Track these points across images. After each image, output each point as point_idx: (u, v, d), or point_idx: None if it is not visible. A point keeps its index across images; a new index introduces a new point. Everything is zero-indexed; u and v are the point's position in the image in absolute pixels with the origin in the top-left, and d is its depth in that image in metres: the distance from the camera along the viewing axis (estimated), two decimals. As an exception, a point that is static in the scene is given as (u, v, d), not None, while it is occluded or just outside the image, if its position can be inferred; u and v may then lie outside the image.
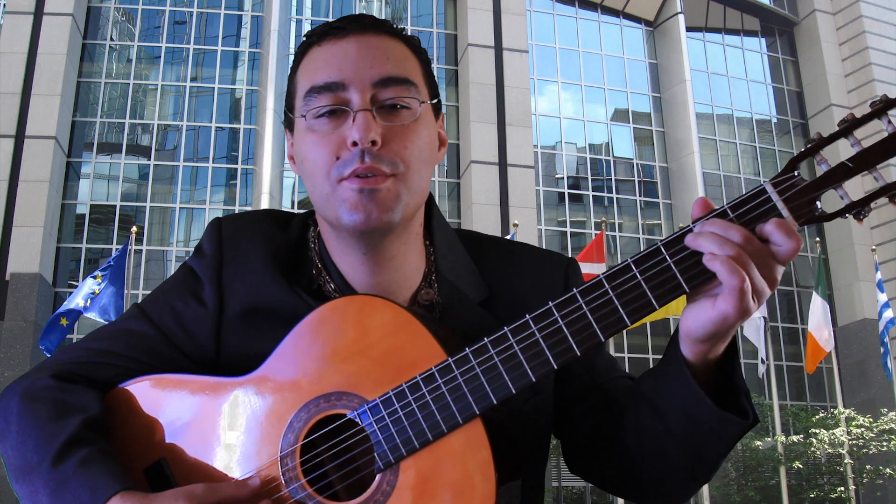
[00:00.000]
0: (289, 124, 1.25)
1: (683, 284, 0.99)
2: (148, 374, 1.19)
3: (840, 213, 0.98)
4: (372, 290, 1.22)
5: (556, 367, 1.02)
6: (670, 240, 1.01)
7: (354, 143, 1.12)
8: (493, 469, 1.01)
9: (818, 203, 0.98)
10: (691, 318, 1.01)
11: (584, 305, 1.02)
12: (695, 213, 1.01)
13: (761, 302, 0.99)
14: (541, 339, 1.02)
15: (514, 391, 1.03)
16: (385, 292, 1.22)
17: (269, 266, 1.22)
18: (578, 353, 1.02)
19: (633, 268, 1.00)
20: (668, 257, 1.00)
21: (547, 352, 1.02)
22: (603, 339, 1.02)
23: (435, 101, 1.26)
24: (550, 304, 1.03)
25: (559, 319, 1.02)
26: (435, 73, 1.28)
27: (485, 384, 1.03)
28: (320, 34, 1.20)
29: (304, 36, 1.24)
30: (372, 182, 1.13)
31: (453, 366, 1.04)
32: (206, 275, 1.24)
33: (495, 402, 1.03)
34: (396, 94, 1.16)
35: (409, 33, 1.26)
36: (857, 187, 0.94)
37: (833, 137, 0.99)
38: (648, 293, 1.00)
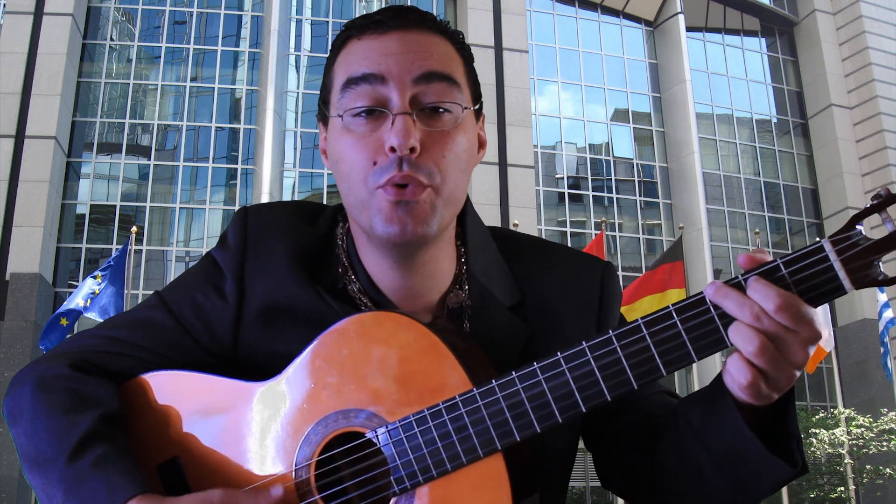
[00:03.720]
0: (323, 118, 1.20)
1: (726, 338, 0.95)
2: (165, 366, 1.17)
3: None
4: (400, 293, 1.19)
5: (584, 410, 0.98)
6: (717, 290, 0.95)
7: (392, 149, 1.08)
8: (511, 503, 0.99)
9: (880, 265, 0.92)
10: (728, 378, 0.96)
11: (619, 349, 0.97)
12: (742, 266, 0.97)
13: (786, 385, 0.95)
14: (571, 380, 0.98)
15: (538, 430, 1.00)
16: (414, 296, 1.19)
17: (293, 263, 1.19)
18: (609, 399, 0.98)
19: (675, 315, 0.96)
20: (711, 308, 0.95)
21: (576, 394, 0.98)
22: (636, 387, 0.97)
23: (478, 105, 1.21)
24: (584, 344, 0.98)
25: (591, 361, 0.98)
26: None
27: (509, 420, 1.00)
28: (361, 27, 1.15)
29: (344, 27, 1.18)
30: (409, 193, 1.08)
31: (478, 397, 1.01)
32: (228, 267, 1.21)
33: (518, 439, 1.00)
34: (438, 96, 1.11)
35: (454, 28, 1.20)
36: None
37: None
38: (688, 344, 0.95)
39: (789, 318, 0.91)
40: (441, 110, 1.11)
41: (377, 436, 1.05)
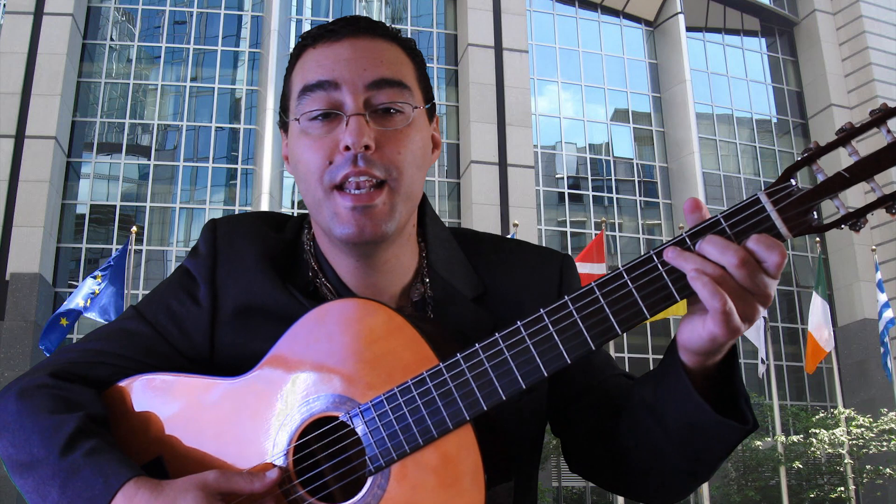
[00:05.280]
0: (283, 125, 1.26)
1: (675, 294, 0.98)
2: (144, 372, 1.20)
3: (836, 224, 0.98)
4: (366, 290, 1.23)
5: (546, 374, 1.02)
6: (663, 248, 1.00)
7: (347, 148, 1.13)
8: (482, 475, 1.02)
9: (814, 213, 0.97)
10: (685, 331, 1.01)
11: (574, 313, 1.01)
12: (686, 213, 1.00)
13: (755, 318, 0.98)
14: (531, 346, 1.02)
15: (504, 397, 1.03)
16: (379, 292, 1.23)
17: (263, 265, 1.23)
18: (569, 361, 1.01)
19: (625, 275, 1.00)
20: (659, 266, 0.99)
21: (538, 359, 1.02)
22: (593, 348, 1.01)
23: (429, 105, 1.26)
24: (542, 310, 1.02)
25: (550, 326, 1.01)
26: (435, 74, 1.29)
27: (475, 390, 1.03)
28: (315, 37, 1.22)
29: (300, 38, 1.24)
30: (365, 199, 1.13)
31: (444, 370, 1.04)
32: (200, 274, 1.25)
33: (486, 408, 1.03)
34: (390, 99, 1.16)
35: (405, 35, 1.26)
36: (854, 196, 0.94)
37: (830, 147, 0.98)
38: (640, 302, 0.99)
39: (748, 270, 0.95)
40: (393, 111, 1.17)
41: (350, 418, 1.08)
